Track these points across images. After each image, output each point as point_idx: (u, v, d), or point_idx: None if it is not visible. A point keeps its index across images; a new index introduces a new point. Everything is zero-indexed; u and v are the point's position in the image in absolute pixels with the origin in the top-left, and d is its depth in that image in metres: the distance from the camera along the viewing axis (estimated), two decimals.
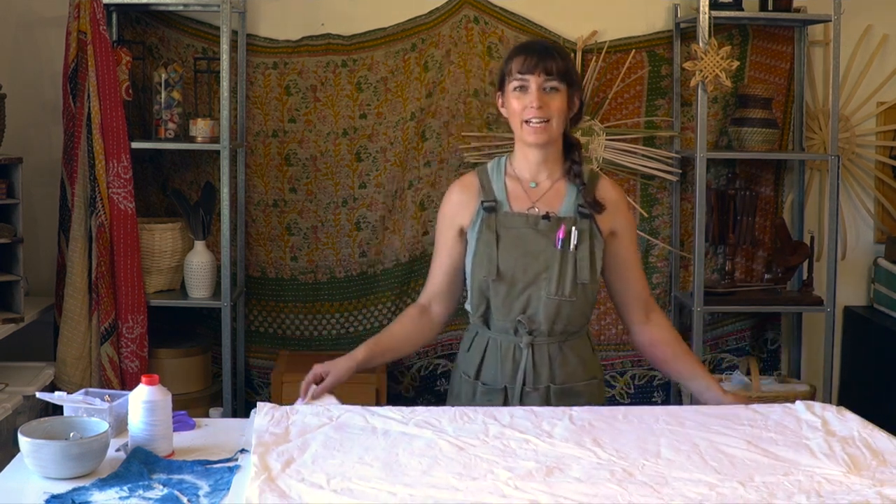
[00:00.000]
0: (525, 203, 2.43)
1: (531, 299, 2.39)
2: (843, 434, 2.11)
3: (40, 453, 1.85)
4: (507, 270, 2.38)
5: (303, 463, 1.88)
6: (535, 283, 2.38)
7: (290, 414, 2.15)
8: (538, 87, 2.35)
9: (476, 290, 2.43)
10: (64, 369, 3.57)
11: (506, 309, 2.41)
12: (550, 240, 2.38)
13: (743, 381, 3.97)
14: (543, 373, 2.42)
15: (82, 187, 3.59)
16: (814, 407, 2.27)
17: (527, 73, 2.35)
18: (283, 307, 4.06)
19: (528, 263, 2.38)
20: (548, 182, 2.45)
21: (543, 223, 2.39)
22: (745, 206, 3.97)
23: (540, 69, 2.35)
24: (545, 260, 2.38)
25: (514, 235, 2.39)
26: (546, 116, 2.35)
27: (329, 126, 3.98)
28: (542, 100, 2.35)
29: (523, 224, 2.40)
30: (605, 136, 4.02)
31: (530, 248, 2.39)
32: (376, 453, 1.95)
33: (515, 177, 2.46)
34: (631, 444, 2.03)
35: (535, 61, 2.35)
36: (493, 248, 2.38)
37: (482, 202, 2.42)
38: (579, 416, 2.20)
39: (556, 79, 2.36)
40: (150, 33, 3.93)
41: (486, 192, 2.44)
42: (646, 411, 2.25)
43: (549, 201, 2.43)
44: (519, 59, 2.37)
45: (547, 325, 2.40)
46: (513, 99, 2.38)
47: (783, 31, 4.08)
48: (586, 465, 1.91)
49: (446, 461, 1.92)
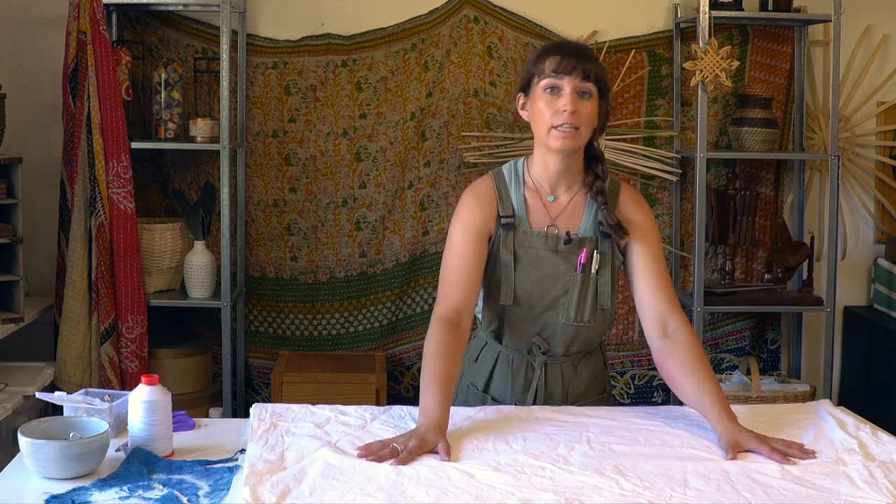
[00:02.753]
0: (544, 219, 2.27)
1: (548, 324, 2.28)
2: (882, 459, 1.98)
3: (40, 453, 1.85)
4: (524, 295, 2.25)
5: (300, 495, 1.75)
6: (554, 308, 2.26)
7: (286, 436, 2.02)
8: (573, 89, 2.16)
9: (489, 310, 2.30)
10: (64, 369, 3.57)
11: (520, 331, 2.29)
12: (571, 264, 2.24)
13: (743, 380, 3.98)
14: (556, 392, 2.32)
15: (82, 187, 3.59)
16: (847, 426, 2.16)
17: (563, 74, 2.16)
18: (283, 307, 4.06)
19: (546, 288, 2.25)
20: (566, 196, 2.29)
21: (564, 247, 2.24)
22: (745, 206, 3.97)
23: (578, 71, 2.16)
24: (564, 285, 2.25)
25: (533, 257, 2.25)
26: (577, 123, 2.17)
27: (329, 126, 3.98)
28: (576, 104, 2.16)
29: (543, 245, 2.25)
30: (605, 136, 4.02)
31: (549, 272, 2.25)
32: (379, 483, 1.80)
33: (534, 188, 2.29)
34: (655, 471, 1.89)
35: (574, 62, 2.16)
36: (510, 270, 2.24)
37: (500, 217, 2.26)
38: (597, 438, 2.07)
39: (592, 83, 2.17)
40: (149, 33, 3.93)
41: (505, 206, 2.27)
42: (669, 432, 2.12)
43: (567, 218, 2.28)
44: (555, 58, 2.18)
45: (563, 347, 2.30)
46: (541, 101, 2.19)
47: (783, 31, 4.08)
48: (608, 497, 1.77)
49: (456, 492, 1.78)
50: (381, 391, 3.68)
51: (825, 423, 2.21)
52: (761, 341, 4.24)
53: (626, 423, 2.19)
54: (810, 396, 3.89)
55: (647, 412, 2.29)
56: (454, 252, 2.25)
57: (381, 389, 3.68)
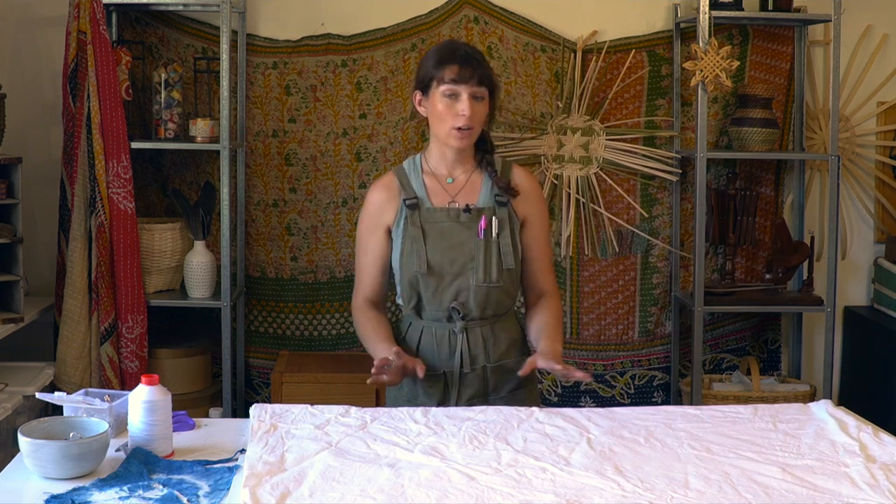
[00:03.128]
0: (445, 198, 2.53)
1: (461, 288, 2.49)
2: (883, 460, 1.99)
3: (40, 453, 1.85)
4: (435, 264, 2.48)
5: (299, 496, 1.75)
6: (463, 273, 2.49)
7: (286, 438, 2.03)
8: (470, 96, 2.44)
9: (406, 285, 2.52)
10: (64, 369, 3.57)
11: (437, 300, 2.50)
12: (473, 231, 2.49)
13: (743, 380, 3.98)
14: (479, 354, 2.52)
15: (82, 187, 3.59)
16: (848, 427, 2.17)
17: (461, 83, 2.43)
18: (283, 307, 4.06)
19: (454, 255, 2.49)
20: (464, 176, 2.56)
21: (465, 215, 2.50)
22: (745, 206, 3.97)
23: (474, 79, 2.44)
24: (470, 250, 2.49)
25: (439, 230, 2.50)
26: (472, 124, 2.45)
27: (329, 126, 3.98)
28: (472, 108, 2.44)
29: (446, 218, 2.51)
30: (605, 136, 4.02)
31: (455, 241, 2.49)
32: (380, 484, 1.81)
33: (432, 173, 2.56)
34: (656, 472, 1.90)
35: (470, 72, 2.43)
36: (420, 243, 2.48)
37: (404, 200, 2.52)
38: (598, 439, 2.08)
39: (484, 87, 2.46)
40: (149, 33, 3.93)
41: (407, 190, 2.54)
42: (669, 433, 2.14)
43: (467, 194, 2.54)
44: (453, 67, 2.44)
45: (478, 310, 2.51)
46: (441, 104, 2.45)
47: (783, 31, 4.08)
48: (609, 498, 1.77)
49: (456, 493, 1.78)
50: (381, 391, 3.68)
51: (826, 424, 2.21)
52: (761, 341, 4.23)
53: (627, 424, 2.19)
54: (810, 396, 3.89)
55: (647, 412, 2.29)
56: (362, 251, 2.59)
57: (381, 389, 3.68)
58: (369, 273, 2.59)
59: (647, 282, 4.13)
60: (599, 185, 4.04)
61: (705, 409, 2.34)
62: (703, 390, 3.92)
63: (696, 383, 3.86)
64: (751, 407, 2.33)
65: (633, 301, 4.14)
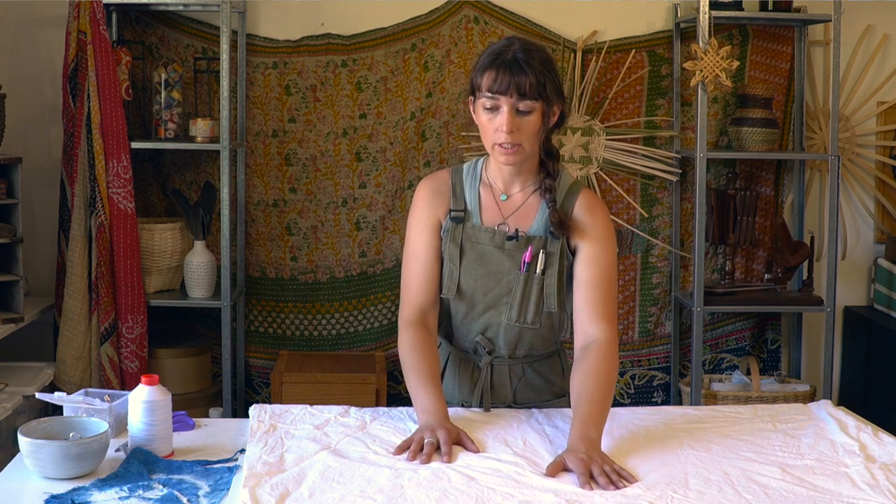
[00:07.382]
0: (496, 217, 2.22)
1: (490, 323, 2.23)
2: (883, 460, 1.98)
3: (40, 453, 1.85)
4: (467, 289, 2.21)
5: (299, 497, 1.74)
6: (496, 306, 2.21)
7: (286, 439, 2.02)
8: (510, 108, 2.09)
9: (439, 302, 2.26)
10: (64, 369, 3.57)
11: (465, 329, 2.26)
12: (516, 261, 2.19)
13: (743, 380, 3.98)
14: (503, 393, 2.29)
15: (82, 187, 3.59)
16: (848, 427, 2.16)
17: (499, 94, 2.09)
18: (282, 307, 4.06)
19: (489, 285, 2.20)
20: (521, 195, 2.23)
21: (510, 243, 2.19)
22: (745, 206, 3.97)
23: (513, 90, 2.08)
24: (508, 283, 2.20)
25: (479, 252, 2.21)
26: (518, 141, 2.11)
27: (329, 126, 3.98)
28: (514, 123, 2.09)
29: (489, 241, 2.20)
30: (605, 136, 4.02)
31: (494, 269, 2.20)
32: (379, 485, 1.79)
33: (489, 185, 2.25)
34: (656, 472, 1.89)
35: (508, 80, 2.07)
36: (455, 262, 2.20)
37: (451, 210, 2.23)
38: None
39: (529, 98, 2.08)
40: (149, 33, 3.93)
41: (457, 200, 2.24)
42: (669, 433, 2.12)
43: (519, 217, 2.22)
44: (490, 74, 2.10)
45: (508, 349, 2.26)
46: (483, 116, 2.13)
47: (783, 31, 4.08)
48: (609, 498, 1.77)
49: (456, 494, 1.76)
50: (381, 391, 3.68)
51: (826, 424, 2.21)
52: (761, 341, 4.24)
53: (626, 424, 2.19)
54: (810, 396, 3.89)
55: (647, 412, 2.29)
56: (412, 255, 2.25)
57: (381, 389, 3.68)
58: (419, 280, 2.23)
59: (647, 282, 4.13)
60: (599, 185, 4.04)
61: (705, 409, 2.34)
62: (703, 390, 3.92)
63: (695, 383, 3.86)
64: (750, 407, 2.33)
65: (632, 301, 4.14)
